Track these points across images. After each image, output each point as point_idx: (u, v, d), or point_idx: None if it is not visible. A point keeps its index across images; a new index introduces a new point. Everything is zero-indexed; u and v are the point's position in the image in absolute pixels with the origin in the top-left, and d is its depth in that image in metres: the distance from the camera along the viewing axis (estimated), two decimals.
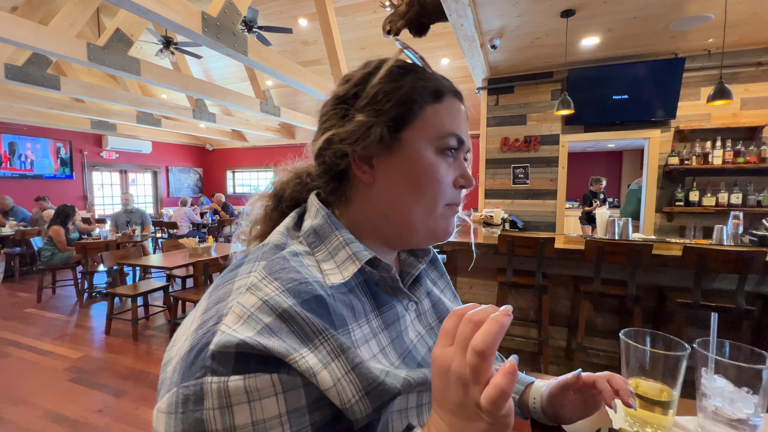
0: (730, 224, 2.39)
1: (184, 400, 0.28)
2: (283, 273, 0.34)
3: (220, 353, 0.28)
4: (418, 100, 0.41)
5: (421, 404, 0.40)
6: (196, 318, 0.34)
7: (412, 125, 0.41)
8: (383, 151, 0.41)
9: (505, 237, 2.29)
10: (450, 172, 0.42)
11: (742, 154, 3.28)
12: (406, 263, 0.51)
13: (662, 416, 0.53)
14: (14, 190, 6.38)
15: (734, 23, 2.82)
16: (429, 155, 0.41)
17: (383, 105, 0.40)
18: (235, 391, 0.28)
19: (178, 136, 9.37)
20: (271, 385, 0.29)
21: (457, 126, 0.42)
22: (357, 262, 0.39)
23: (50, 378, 2.44)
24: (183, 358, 0.30)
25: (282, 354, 0.29)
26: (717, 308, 1.94)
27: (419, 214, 0.41)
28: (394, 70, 0.42)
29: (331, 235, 0.41)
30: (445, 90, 0.43)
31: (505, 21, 2.83)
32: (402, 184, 0.41)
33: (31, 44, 2.68)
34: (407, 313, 0.45)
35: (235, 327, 0.30)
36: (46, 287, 4.28)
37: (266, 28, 4.34)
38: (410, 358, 0.41)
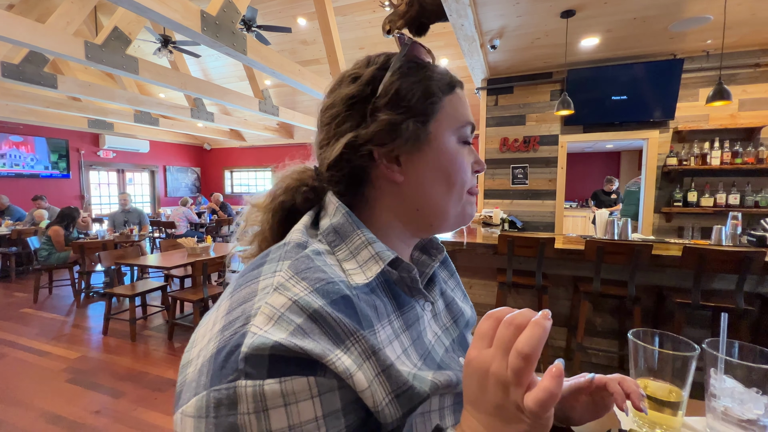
0: (729, 224, 2.40)
1: (217, 404, 0.27)
2: (310, 272, 0.34)
3: (253, 356, 0.28)
4: (437, 92, 0.42)
5: (443, 407, 0.40)
6: (219, 319, 0.32)
7: (436, 118, 0.42)
8: (411, 147, 0.41)
9: (505, 237, 2.29)
10: (469, 159, 0.44)
11: (740, 155, 3.29)
12: (419, 262, 0.50)
13: (671, 417, 0.53)
14: (10, 189, 6.33)
15: (733, 24, 2.83)
16: (454, 146, 0.43)
17: (410, 101, 0.40)
18: (271, 395, 0.27)
19: (176, 136, 9.34)
20: (308, 389, 0.28)
21: (468, 114, 0.45)
22: (380, 263, 0.38)
23: (47, 379, 2.42)
24: (210, 360, 0.29)
25: (319, 355, 0.29)
26: (716, 308, 1.95)
27: (450, 202, 0.43)
28: (409, 65, 0.42)
29: (352, 234, 0.40)
30: (454, 82, 0.44)
31: (505, 21, 2.84)
32: (433, 177, 0.42)
33: (27, 42, 2.66)
34: (424, 314, 0.45)
35: (266, 328, 0.29)
36: (42, 287, 4.25)
37: (265, 27, 4.33)
38: (430, 359, 0.40)
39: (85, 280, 4.09)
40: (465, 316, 0.52)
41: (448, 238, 2.64)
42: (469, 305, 0.56)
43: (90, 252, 3.86)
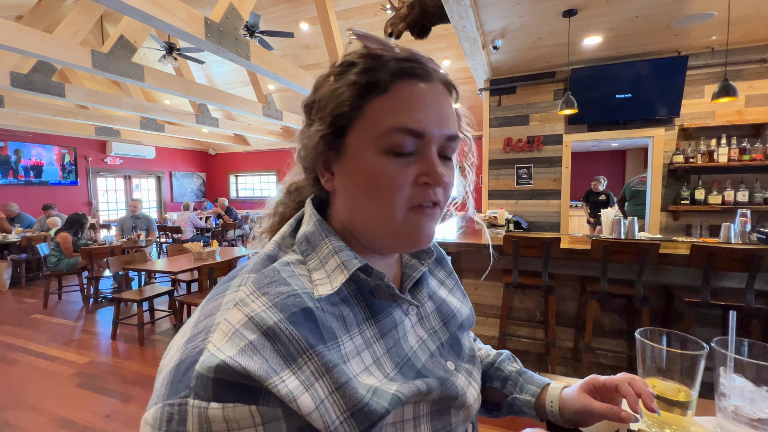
0: (738, 222, 2.37)
1: (169, 418, 0.28)
2: (272, 287, 0.34)
3: (201, 375, 0.28)
4: (356, 98, 0.37)
5: (419, 416, 0.39)
6: (188, 330, 0.33)
7: (354, 127, 0.38)
8: (336, 157, 0.40)
9: (510, 237, 2.29)
10: (408, 171, 0.37)
11: (747, 152, 3.25)
12: (408, 265, 0.49)
13: (681, 416, 0.52)
14: (20, 196, 6.43)
15: (737, 20, 2.80)
16: (372, 158, 0.37)
17: (325, 110, 0.39)
18: (215, 420, 0.27)
19: (181, 141, 9.43)
20: (250, 417, 0.28)
21: (407, 117, 0.36)
22: (345, 272, 0.38)
23: (58, 383, 2.44)
24: (171, 371, 0.30)
25: (261, 378, 0.28)
26: (726, 307, 1.93)
27: (377, 222, 0.39)
28: (338, 70, 0.39)
29: (321, 243, 0.40)
30: (392, 76, 0.37)
31: (507, 21, 2.83)
32: (354, 191, 0.39)
33: (36, 52, 2.71)
34: (407, 318, 0.44)
35: (220, 345, 0.30)
36: (52, 293, 4.30)
37: (268, 33, 4.37)
38: (409, 366, 0.39)
39: (94, 285, 4.13)
40: (458, 318, 0.51)
41: (453, 239, 2.63)
42: (467, 306, 0.55)
43: (98, 258, 3.90)
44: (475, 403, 0.46)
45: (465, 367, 0.48)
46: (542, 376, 0.60)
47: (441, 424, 0.41)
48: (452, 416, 0.43)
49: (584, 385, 0.54)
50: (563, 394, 0.55)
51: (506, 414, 0.59)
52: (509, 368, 0.60)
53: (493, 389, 0.60)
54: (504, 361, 0.62)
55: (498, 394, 0.59)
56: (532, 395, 0.56)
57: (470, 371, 0.48)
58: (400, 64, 0.37)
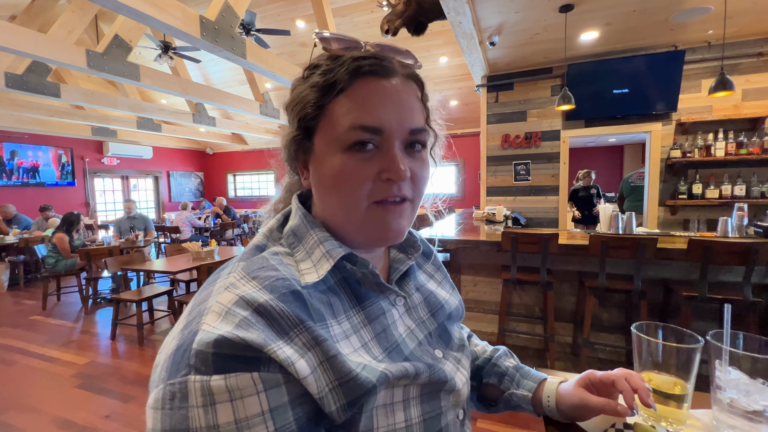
0: (735, 216, 2.38)
1: (171, 396, 0.29)
2: (261, 271, 0.35)
3: (201, 351, 0.29)
4: (317, 100, 0.39)
5: (408, 398, 0.39)
6: (183, 319, 0.35)
7: (319, 127, 0.40)
8: (308, 157, 0.42)
9: (508, 234, 2.29)
10: (369, 166, 0.38)
11: (744, 146, 3.26)
12: (396, 259, 0.50)
13: (677, 410, 0.52)
14: (17, 198, 6.40)
15: (734, 14, 2.80)
16: (333, 156, 0.38)
17: (294, 113, 0.41)
18: (217, 390, 0.28)
19: (179, 141, 9.39)
20: (252, 384, 0.29)
21: (364, 115, 0.37)
22: (330, 260, 0.39)
23: (58, 384, 2.44)
24: (169, 357, 0.31)
25: (260, 345, 0.30)
26: (723, 300, 1.93)
27: (341, 216, 0.40)
28: (306, 73, 0.42)
29: (306, 234, 0.42)
30: (349, 75, 0.38)
31: (504, 17, 2.83)
32: (322, 188, 0.41)
33: (30, 52, 2.69)
34: (395, 308, 0.45)
35: (215, 324, 0.31)
36: (51, 294, 4.29)
37: (264, 31, 4.34)
38: (397, 352, 0.40)
39: (93, 286, 4.12)
40: (446, 309, 0.52)
41: (451, 236, 2.64)
42: (457, 298, 0.56)
43: (96, 258, 3.89)
44: (464, 388, 0.47)
45: (453, 354, 0.49)
46: (541, 371, 0.60)
47: (430, 407, 0.42)
48: (442, 400, 0.43)
49: (581, 380, 0.54)
50: (560, 389, 0.55)
51: (503, 409, 0.60)
52: (506, 364, 0.61)
53: (490, 385, 0.60)
54: (501, 357, 0.62)
55: (495, 389, 0.59)
56: (528, 390, 0.57)
57: (458, 359, 0.49)
58: (357, 63, 0.38)
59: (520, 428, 1.87)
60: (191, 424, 0.28)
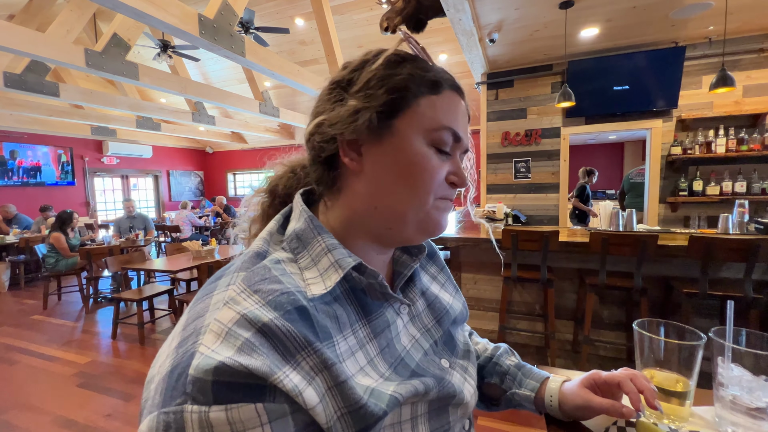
0: (736, 213, 2.38)
1: (165, 427, 0.26)
2: (264, 284, 0.33)
3: (198, 379, 0.27)
4: (413, 88, 0.39)
5: (416, 416, 0.38)
6: (177, 334, 0.32)
7: (404, 114, 0.39)
8: (373, 138, 0.39)
9: (509, 231, 2.28)
10: (443, 167, 0.41)
11: (745, 142, 3.25)
12: (399, 262, 0.49)
13: (679, 407, 0.52)
14: (17, 198, 6.40)
15: (735, 9, 2.79)
16: (420, 146, 0.39)
17: (376, 90, 0.39)
18: (217, 423, 0.26)
19: (178, 140, 9.38)
20: (256, 416, 0.27)
21: (453, 121, 0.41)
22: (340, 271, 0.37)
23: (59, 384, 2.45)
24: (164, 378, 0.29)
25: (265, 374, 0.27)
26: (724, 297, 1.93)
27: (409, 206, 0.40)
28: (392, 58, 0.41)
29: (313, 240, 0.39)
30: (444, 83, 0.41)
31: (504, 14, 2.81)
32: (391, 173, 0.39)
33: (29, 52, 2.68)
34: (399, 317, 0.43)
35: (214, 347, 0.28)
36: (51, 294, 4.30)
37: (263, 29, 4.33)
38: (403, 366, 0.39)
39: (93, 285, 4.13)
40: (451, 314, 0.50)
41: (452, 234, 2.63)
42: (460, 300, 0.55)
43: (97, 258, 3.90)
44: (471, 399, 0.46)
45: (460, 363, 0.47)
46: (542, 369, 0.60)
47: (439, 423, 0.41)
48: (450, 414, 0.43)
49: (585, 380, 0.53)
50: (563, 388, 0.55)
51: (505, 408, 0.59)
52: (507, 362, 0.60)
53: (492, 384, 0.59)
54: (502, 356, 0.61)
55: (497, 389, 0.59)
56: (531, 390, 0.56)
57: (465, 367, 0.48)
58: (450, 76, 0.43)
59: (521, 425, 1.87)
60: None
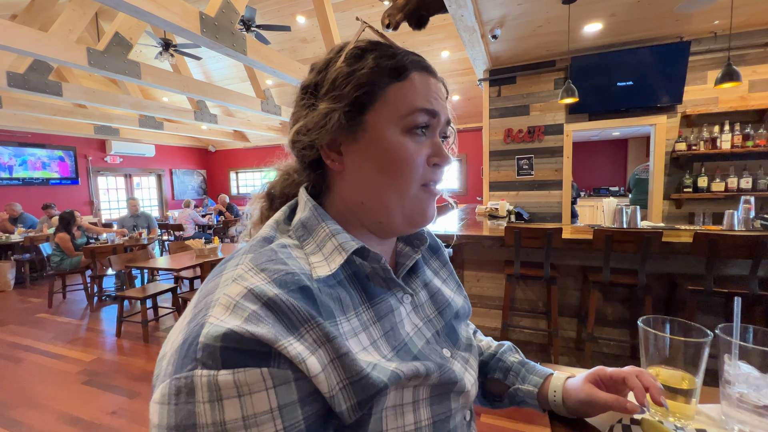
0: (741, 209, 2.35)
1: (177, 391, 0.28)
2: (270, 264, 0.34)
3: (208, 345, 0.28)
4: (377, 81, 0.39)
5: (418, 399, 0.39)
6: (188, 311, 0.34)
7: (373, 107, 0.40)
8: (348, 136, 0.41)
9: (512, 229, 2.27)
10: (422, 150, 0.41)
11: (751, 138, 3.22)
12: (402, 254, 0.49)
13: (685, 405, 0.52)
14: (22, 197, 6.44)
15: (740, 3, 2.75)
16: (394, 136, 0.39)
17: (342, 89, 0.40)
18: (225, 386, 0.28)
19: (181, 139, 9.40)
20: (261, 380, 0.28)
21: (425, 100, 0.40)
22: (343, 253, 0.38)
23: (64, 381, 2.47)
24: (176, 350, 0.30)
25: (270, 340, 0.29)
26: (729, 294, 1.92)
27: (392, 198, 0.40)
28: (354, 53, 0.41)
29: (317, 227, 0.41)
30: (410, 66, 0.41)
31: (506, 10, 2.79)
32: (370, 168, 0.40)
33: (31, 51, 2.69)
34: (401, 306, 0.44)
35: (223, 317, 0.30)
36: (56, 292, 4.33)
37: (264, 27, 4.32)
38: (405, 351, 0.40)
39: (98, 284, 4.15)
40: (453, 307, 0.51)
41: (455, 231, 2.63)
42: (462, 296, 0.55)
43: (101, 256, 3.92)
44: (472, 389, 0.47)
45: (461, 354, 0.48)
46: (546, 366, 0.59)
47: (440, 408, 0.41)
48: (452, 401, 0.43)
49: (590, 375, 0.53)
50: (567, 384, 0.54)
51: (508, 405, 0.59)
52: (511, 359, 0.60)
53: (495, 380, 0.59)
54: (506, 352, 0.61)
55: (500, 385, 0.59)
56: (534, 386, 0.56)
57: (466, 359, 0.48)
58: (415, 57, 0.42)
59: (524, 423, 1.87)
60: (198, 420, 0.27)
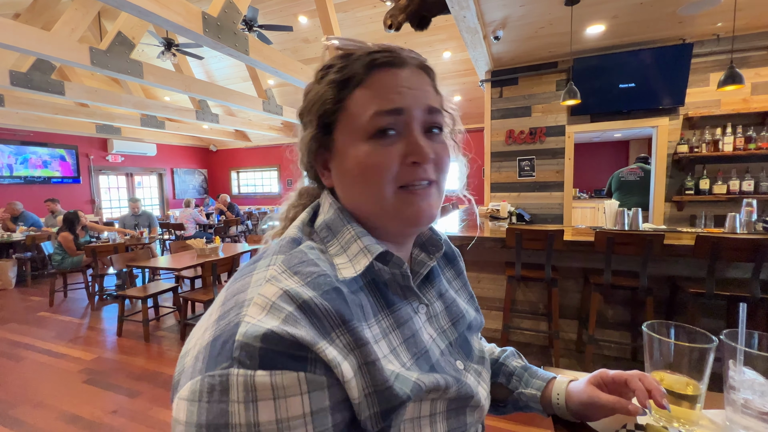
0: (743, 212, 2.35)
1: (210, 389, 0.28)
2: (302, 266, 0.35)
3: (246, 344, 0.28)
4: (335, 97, 0.40)
5: (435, 413, 0.39)
6: (215, 309, 0.34)
7: (340, 123, 0.41)
8: (329, 154, 0.43)
9: (513, 230, 2.27)
10: (392, 152, 0.38)
11: (753, 140, 3.21)
12: (416, 261, 0.49)
13: (689, 410, 0.51)
14: (23, 195, 6.45)
15: (744, 6, 2.75)
16: (359, 146, 0.39)
17: (311, 114, 0.42)
18: (261, 387, 0.27)
19: (182, 138, 9.41)
20: (297, 384, 0.28)
21: (384, 101, 0.38)
22: (369, 256, 0.38)
23: (65, 380, 2.47)
24: (206, 347, 0.30)
25: (309, 343, 0.29)
26: (731, 297, 1.92)
27: (372, 205, 0.40)
28: (320, 74, 0.42)
29: (342, 228, 0.41)
30: (365, 69, 0.39)
31: (509, 11, 2.79)
32: (347, 180, 0.41)
33: (34, 50, 2.69)
34: (416, 316, 0.43)
35: (260, 318, 0.30)
36: (57, 291, 4.33)
37: (267, 27, 4.33)
38: (424, 359, 0.40)
39: (99, 283, 4.16)
40: (467, 318, 0.50)
41: (455, 233, 2.62)
42: (474, 307, 0.55)
43: (102, 255, 3.92)
44: (486, 403, 0.46)
45: (474, 367, 0.47)
46: (548, 370, 0.59)
47: (457, 423, 0.41)
48: (467, 416, 0.43)
49: (592, 378, 0.53)
50: (570, 387, 0.54)
51: (512, 410, 0.59)
52: (514, 364, 0.60)
53: (498, 385, 0.59)
54: (509, 357, 0.61)
55: (503, 389, 0.59)
56: (537, 389, 0.56)
57: (479, 372, 0.48)
58: (371, 56, 0.40)
59: (525, 425, 1.87)
60: (231, 420, 0.27)
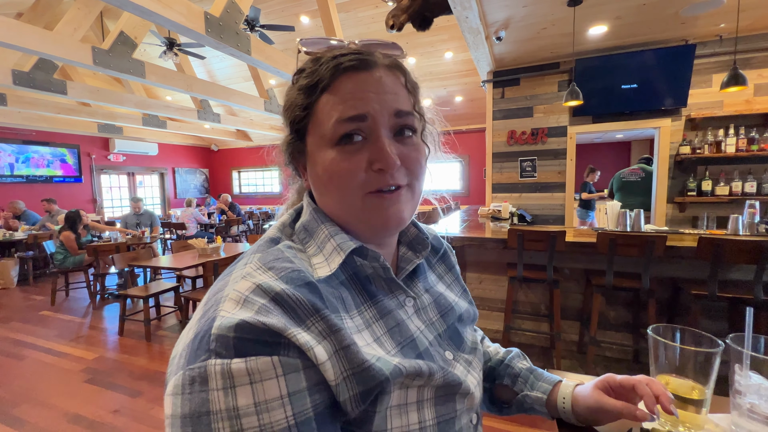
0: (746, 213, 2.34)
1: (191, 381, 0.29)
2: (277, 263, 0.36)
3: (221, 336, 0.30)
4: (303, 103, 0.41)
5: (422, 400, 0.39)
6: (199, 310, 0.35)
7: (310, 128, 0.41)
8: (304, 158, 0.44)
9: (515, 231, 2.27)
10: (357, 159, 0.38)
11: (756, 142, 3.20)
12: (403, 258, 0.49)
13: (695, 414, 0.51)
14: (25, 194, 6.47)
15: (747, 7, 2.74)
16: (326, 152, 0.39)
17: (286, 117, 0.43)
18: (238, 373, 0.29)
19: (184, 138, 9.43)
20: (272, 368, 0.30)
21: (347, 107, 0.38)
22: (341, 253, 0.39)
23: (67, 379, 2.47)
24: (188, 345, 0.31)
25: (280, 329, 0.30)
26: (733, 300, 1.91)
27: (341, 209, 0.41)
28: (294, 79, 0.43)
29: (317, 229, 0.42)
30: (331, 73, 0.39)
31: (511, 12, 2.79)
32: (319, 185, 0.42)
33: (37, 50, 2.70)
34: (404, 308, 0.44)
35: (234, 311, 0.31)
36: (59, 290, 4.34)
37: (269, 27, 4.33)
38: (410, 348, 0.40)
39: (100, 282, 4.16)
40: (456, 311, 0.50)
41: (457, 233, 2.62)
42: (467, 300, 0.55)
43: (104, 255, 3.93)
44: (476, 391, 0.46)
45: (464, 357, 0.47)
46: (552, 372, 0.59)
47: (445, 410, 0.41)
48: (456, 403, 0.43)
49: (599, 382, 0.53)
50: (576, 391, 0.54)
51: (516, 412, 0.59)
52: (519, 365, 0.60)
53: (503, 386, 0.59)
54: (514, 359, 0.61)
55: (508, 391, 0.59)
56: (543, 392, 0.56)
57: (469, 361, 0.48)
58: (336, 60, 0.39)
59: (527, 426, 1.87)
60: (211, 407, 0.28)
